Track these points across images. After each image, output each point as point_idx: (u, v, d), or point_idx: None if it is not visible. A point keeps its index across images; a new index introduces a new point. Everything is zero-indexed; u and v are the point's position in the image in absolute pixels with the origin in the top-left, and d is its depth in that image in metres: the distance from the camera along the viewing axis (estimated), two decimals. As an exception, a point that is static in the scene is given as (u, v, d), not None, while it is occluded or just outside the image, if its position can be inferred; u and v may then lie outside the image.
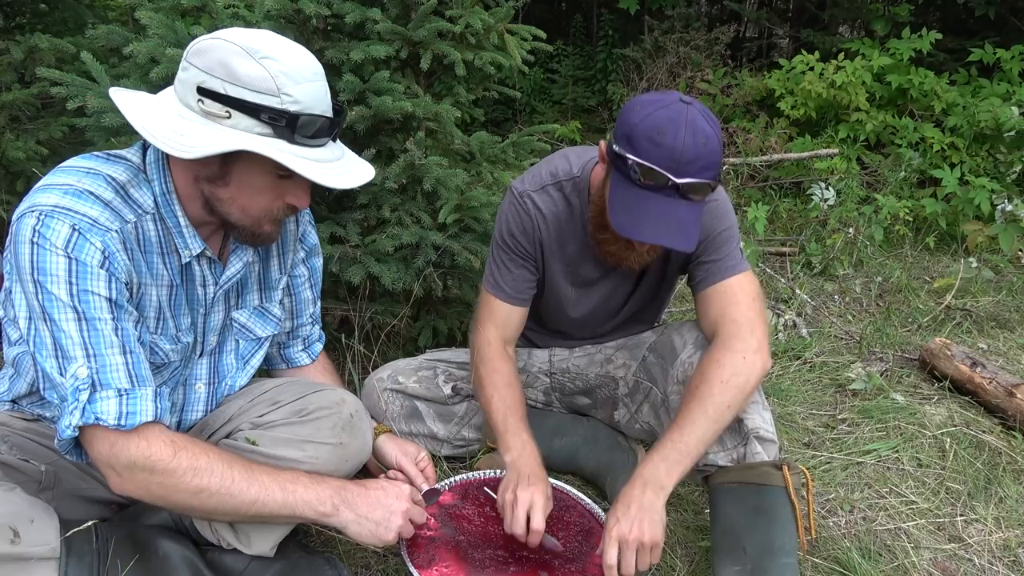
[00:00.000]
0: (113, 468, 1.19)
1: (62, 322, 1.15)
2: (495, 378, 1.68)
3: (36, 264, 1.14)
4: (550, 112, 6.24)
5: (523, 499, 1.49)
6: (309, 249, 1.60)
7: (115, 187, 1.22)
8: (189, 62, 1.19)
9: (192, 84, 1.18)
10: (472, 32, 2.19)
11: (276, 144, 1.18)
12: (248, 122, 1.17)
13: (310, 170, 1.19)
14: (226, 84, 1.16)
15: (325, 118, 1.22)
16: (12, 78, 2.72)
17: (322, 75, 1.24)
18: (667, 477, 1.44)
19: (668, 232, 1.41)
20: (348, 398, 1.50)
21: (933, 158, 4.37)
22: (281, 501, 1.28)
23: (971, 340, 2.88)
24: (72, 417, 1.15)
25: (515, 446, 1.59)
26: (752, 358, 1.50)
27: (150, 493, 1.22)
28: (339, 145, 1.32)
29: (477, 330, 1.77)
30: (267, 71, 1.16)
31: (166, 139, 1.17)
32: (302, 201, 1.30)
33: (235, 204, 1.27)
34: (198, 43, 1.20)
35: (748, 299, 1.57)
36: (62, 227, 1.14)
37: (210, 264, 1.37)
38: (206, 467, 1.23)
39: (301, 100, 1.18)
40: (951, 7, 5.68)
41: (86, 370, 1.16)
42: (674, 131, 1.37)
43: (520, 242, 1.71)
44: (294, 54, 1.21)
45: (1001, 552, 1.76)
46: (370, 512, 1.34)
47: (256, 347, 1.54)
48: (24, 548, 1.14)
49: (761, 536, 1.47)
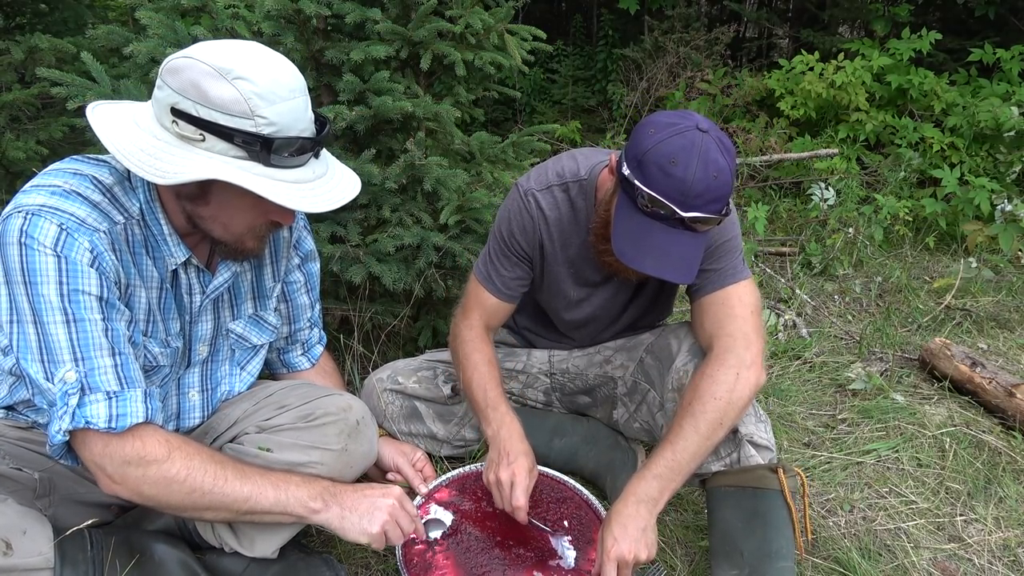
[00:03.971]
0: (104, 469, 1.19)
1: (50, 325, 1.14)
2: (476, 357, 1.71)
3: (25, 265, 1.13)
4: (550, 112, 6.24)
5: (505, 479, 1.53)
6: (305, 255, 1.59)
7: (102, 189, 1.21)
8: (163, 80, 1.16)
9: (166, 105, 1.15)
10: (472, 32, 2.19)
11: (251, 168, 1.15)
12: (222, 145, 1.14)
13: (283, 195, 1.15)
14: (199, 106, 1.13)
15: (303, 139, 1.18)
16: (12, 78, 2.72)
17: (301, 90, 1.20)
18: (660, 494, 1.45)
19: (669, 265, 1.40)
20: (355, 404, 1.49)
21: (933, 158, 4.37)
22: (273, 499, 1.28)
23: (971, 340, 2.88)
24: (62, 422, 1.15)
25: (494, 420, 1.62)
26: (745, 374, 1.48)
27: (141, 493, 1.21)
28: (323, 160, 1.27)
29: (462, 316, 1.78)
30: (239, 93, 1.12)
31: (140, 163, 1.14)
32: (285, 218, 1.28)
33: (217, 222, 1.25)
34: (171, 61, 1.16)
35: (746, 311, 1.55)
36: (50, 226, 1.13)
37: (198, 273, 1.36)
38: (199, 466, 1.22)
39: (276, 122, 1.14)
40: (951, 7, 5.68)
41: (74, 374, 1.15)
42: (686, 162, 1.34)
43: (518, 241, 1.71)
44: (269, 72, 1.15)
45: (1001, 552, 1.76)
46: (355, 505, 1.34)
47: (252, 354, 1.54)
48: (17, 560, 1.14)
49: (758, 540, 1.47)
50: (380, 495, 1.37)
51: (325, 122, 1.26)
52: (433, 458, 1.88)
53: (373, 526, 1.33)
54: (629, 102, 5.31)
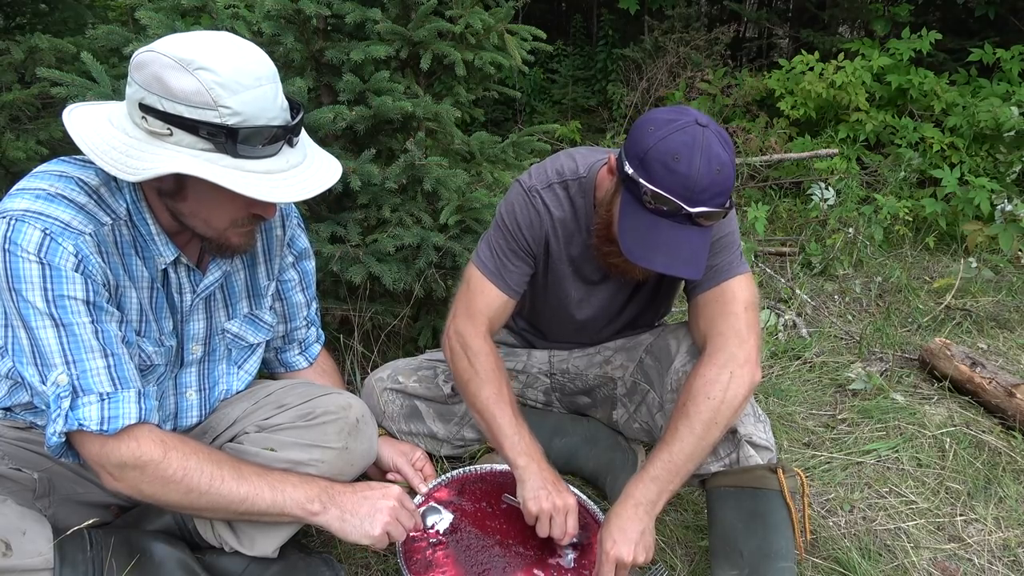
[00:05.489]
0: (104, 468, 1.20)
1: (39, 330, 1.14)
2: (496, 375, 1.62)
3: (10, 271, 1.12)
4: (550, 112, 6.24)
5: (560, 507, 1.50)
6: (299, 253, 1.58)
7: (87, 191, 1.20)
8: (131, 77, 1.14)
9: (135, 101, 1.13)
10: (472, 32, 2.19)
11: (218, 160, 1.13)
12: (189, 139, 1.12)
13: (251, 187, 1.13)
14: (163, 100, 1.11)
15: (273, 127, 1.15)
16: (12, 78, 2.72)
17: (269, 78, 1.16)
18: (658, 496, 1.45)
19: (679, 261, 1.40)
20: (355, 402, 1.49)
21: (933, 158, 4.37)
22: (270, 500, 1.28)
23: (971, 340, 2.88)
24: (56, 424, 1.15)
25: (524, 448, 1.56)
26: (739, 372, 1.48)
27: (141, 492, 1.22)
28: (300, 148, 1.23)
29: (466, 319, 1.67)
30: (201, 84, 1.09)
31: (113, 161, 1.13)
32: (266, 211, 1.26)
33: (197, 218, 1.24)
34: (137, 56, 1.14)
35: (740, 308, 1.54)
36: (33, 232, 1.12)
37: (188, 272, 1.35)
38: (196, 467, 1.22)
39: (241, 111, 1.11)
40: (951, 7, 5.68)
41: (66, 377, 1.15)
42: (689, 158, 1.34)
43: (526, 236, 1.68)
44: (232, 60, 1.12)
45: (1001, 552, 1.76)
46: (356, 508, 1.33)
47: (249, 353, 1.53)
48: (16, 560, 1.14)
49: (758, 540, 1.47)
50: (380, 496, 1.37)
51: (299, 109, 1.23)
52: (433, 458, 1.88)
53: (375, 528, 1.33)
54: (629, 102, 5.31)
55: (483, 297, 1.68)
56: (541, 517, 1.50)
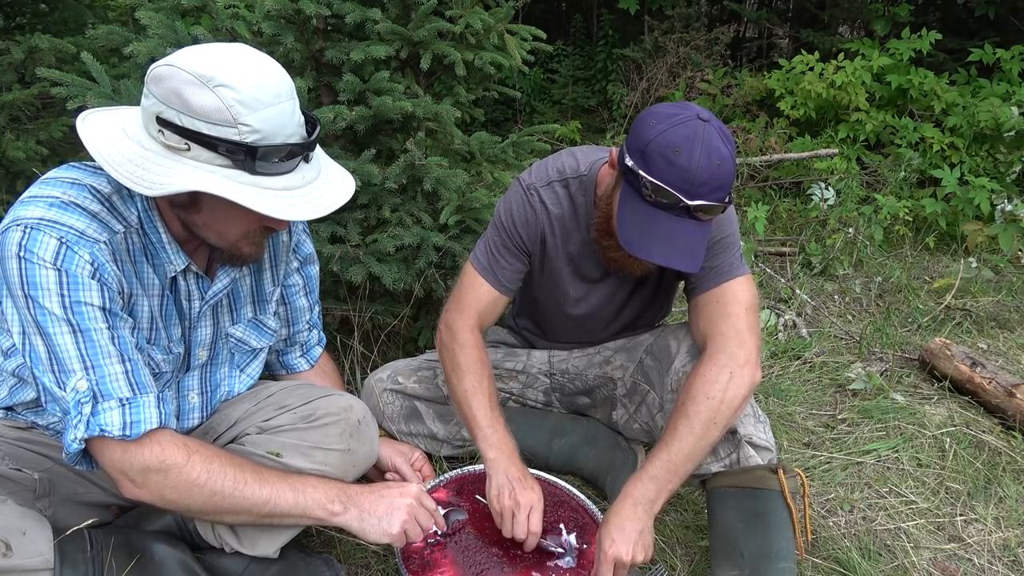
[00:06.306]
0: (126, 474, 1.19)
1: (57, 336, 1.14)
2: (478, 367, 1.65)
3: (26, 279, 1.12)
4: (550, 112, 6.24)
5: (524, 504, 1.50)
6: (304, 258, 1.58)
7: (100, 199, 1.20)
8: (148, 89, 1.14)
9: (152, 114, 1.14)
10: (472, 32, 2.19)
11: (236, 177, 1.13)
12: (207, 155, 1.12)
13: (269, 205, 1.14)
14: (182, 116, 1.11)
15: (290, 145, 1.16)
16: (12, 78, 2.72)
17: (287, 94, 1.16)
18: (657, 496, 1.45)
19: (676, 253, 1.40)
20: (356, 404, 1.49)
21: (933, 158, 4.37)
22: (292, 501, 1.28)
23: (971, 340, 2.88)
24: (77, 431, 1.15)
25: (495, 441, 1.57)
26: (739, 372, 1.48)
27: (163, 497, 1.21)
28: (315, 164, 1.24)
29: (456, 312, 1.70)
30: (221, 101, 1.10)
31: (129, 173, 1.13)
32: (279, 225, 1.27)
33: (211, 230, 1.24)
34: (155, 69, 1.14)
35: (740, 309, 1.54)
36: (49, 240, 1.12)
37: (197, 279, 1.35)
38: (219, 470, 1.22)
39: (261, 129, 1.12)
40: (951, 7, 5.68)
41: (86, 382, 1.15)
42: (689, 151, 1.35)
43: (520, 234, 1.70)
44: (252, 77, 1.13)
45: (1001, 552, 1.76)
46: (374, 507, 1.34)
47: (251, 357, 1.54)
48: (16, 561, 1.14)
49: (758, 541, 1.47)
50: (398, 494, 1.37)
51: (316, 124, 1.23)
52: (432, 458, 1.88)
53: (393, 527, 1.33)
54: (629, 102, 5.31)
55: (474, 291, 1.72)
56: (504, 515, 1.51)
